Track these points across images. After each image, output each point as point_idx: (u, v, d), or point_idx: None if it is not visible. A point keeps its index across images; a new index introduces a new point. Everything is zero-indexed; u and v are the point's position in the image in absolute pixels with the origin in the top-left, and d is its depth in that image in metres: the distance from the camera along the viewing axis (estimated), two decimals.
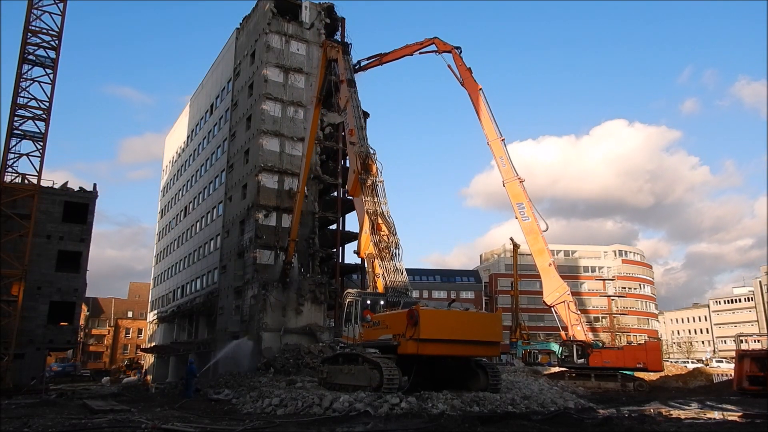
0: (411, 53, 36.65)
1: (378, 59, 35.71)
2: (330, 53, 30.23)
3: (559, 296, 34.77)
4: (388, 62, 36.25)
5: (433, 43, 36.48)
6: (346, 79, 28.30)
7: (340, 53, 29.35)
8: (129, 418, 15.20)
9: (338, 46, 29.90)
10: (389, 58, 36.15)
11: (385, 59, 35.94)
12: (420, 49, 36.65)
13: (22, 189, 34.06)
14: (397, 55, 36.36)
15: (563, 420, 15.04)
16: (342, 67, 28.90)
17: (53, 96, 34.32)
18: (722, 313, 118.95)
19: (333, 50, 30.00)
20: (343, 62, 29.00)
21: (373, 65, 35.47)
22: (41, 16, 34.26)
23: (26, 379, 32.85)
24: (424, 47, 36.66)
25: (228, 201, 46.92)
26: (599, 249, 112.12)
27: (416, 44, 36.70)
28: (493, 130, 35.97)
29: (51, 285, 36.61)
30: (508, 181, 35.84)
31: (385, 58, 35.93)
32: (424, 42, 36.65)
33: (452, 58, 36.51)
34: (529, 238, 35.58)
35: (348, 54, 29.80)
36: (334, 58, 29.91)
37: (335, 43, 30.85)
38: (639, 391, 30.56)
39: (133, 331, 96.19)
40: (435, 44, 36.47)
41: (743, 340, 46.13)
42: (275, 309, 36.99)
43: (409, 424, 14.15)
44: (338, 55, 29.37)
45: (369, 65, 35.11)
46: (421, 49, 36.67)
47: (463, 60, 36.30)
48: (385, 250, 23.33)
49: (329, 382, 21.83)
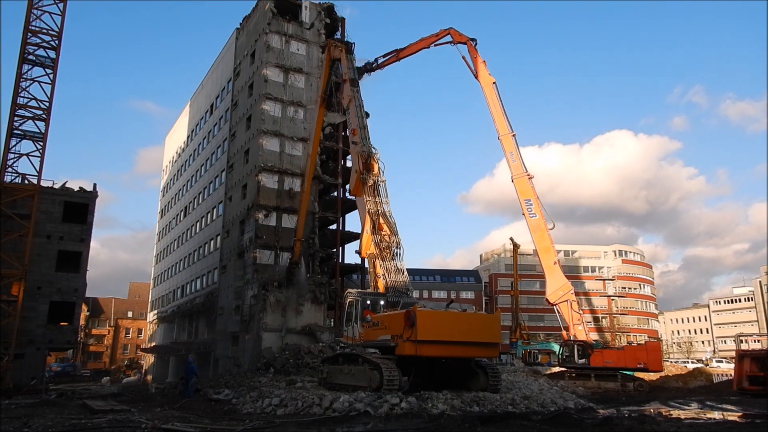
0: (428, 45, 36.36)
1: (395, 55, 35.42)
2: (334, 53, 30.16)
3: (563, 295, 34.67)
4: (406, 57, 35.96)
5: (449, 34, 36.28)
6: (349, 78, 28.19)
7: (343, 52, 29.26)
8: (129, 418, 15.19)
9: (341, 46, 29.81)
10: (406, 53, 35.86)
11: (402, 54, 35.66)
12: (436, 41, 36.40)
13: (22, 189, 34.03)
14: (414, 49, 36.07)
15: (563, 420, 15.03)
16: (345, 66, 28.81)
17: (53, 96, 34.29)
18: (722, 313, 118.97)
19: (336, 50, 29.92)
20: (346, 61, 28.89)
21: (391, 62, 35.27)
22: (41, 16, 34.21)
23: (26, 379, 32.83)
24: (440, 38, 36.42)
25: (228, 201, 46.92)
26: (599, 249, 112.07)
27: (432, 36, 36.46)
28: (504, 124, 35.82)
29: (51, 285, 36.59)
30: (517, 176, 35.67)
31: (402, 53, 35.64)
32: (440, 33, 36.45)
33: (467, 50, 36.35)
34: (536, 236, 35.40)
35: (351, 53, 29.67)
36: (337, 58, 29.82)
37: (339, 42, 30.76)
38: (639, 391, 30.52)
39: (133, 331, 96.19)
40: (450, 35, 36.25)
41: (743, 340, 46.16)
42: (275, 309, 36.99)
43: (409, 424, 14.14)
44: (341, 54, 29.29)
45: (386, 62, 34.93)
46: (436, 41, 36.42)
47: (478, 52, 36.19)
48: (386, 250, 23.34)
49: (329, 382, 21.82)
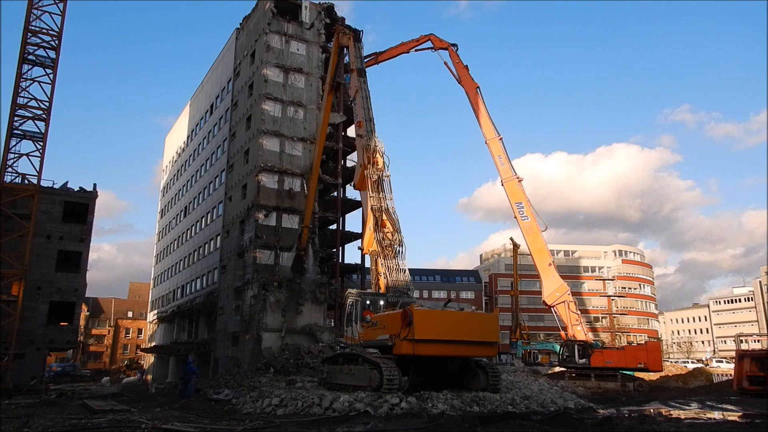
0: (407, 50, 36.54)
1: (374, 58, 35.61)
2: (342, 40, 29.56)
3: (560, 296, 34.67)
4: (384, 61, 36.15)
5: (429, 40, 36.42)
6: (357, 68, 27.76)
7: (351, 40, 28.78)
8: (129, 418, 15.19)
9: (350, 33, 29.22)
10: (385, 57, 36.05)
11: (381, 58, 35.85)
12: (416, 46, 36.55)
13: (22, 189, 34.04)
14: (393, 53, 36.26)
15: (563, 420, 15.02)
16: (353, 54, 28.43)
17: (53, 96, 34.30)
18: (722, 313, 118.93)
19: (345, 37, 29.33)
20: (354, 50, 28.46)
21: (369, 65, 35.27)
22: (41, 16, 34.23)
23: (26, 379, 32.85)
24: (420, 44, 36.59)
25: (228, 201, 46.91)
26: (599, 249, 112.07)
27: (412, 41, 36.62)
28: (491, 128, 35.87)
29: (51, 285, 36.60)
30: (506, 180, 35.73)
31: (380, 57, 35.84)
32: (420, 39, 36.57)
33: (449, 56, 36.45)
34: (529, 238, 35.46)
35: (359, 41, 29.15)
36: (345, 45, 29.40)
37: (347, 29, 29.93)
38: (639, 391, 30.52)
39: (133, 331, 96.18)
40: (431, 41, 36.42)
41: (743, 340, 46.14)
42: (275, 309, 36.98)
43: (409, 424, 14.15)
44: (350, 42, 28.81)
45: (365, 65, 34.99)
46: (417, 47, 36.57)
47: (460, 57, 36.27)
48: (388, 248, 23.25)
49: (329, 382, 21.82)
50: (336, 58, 30.70)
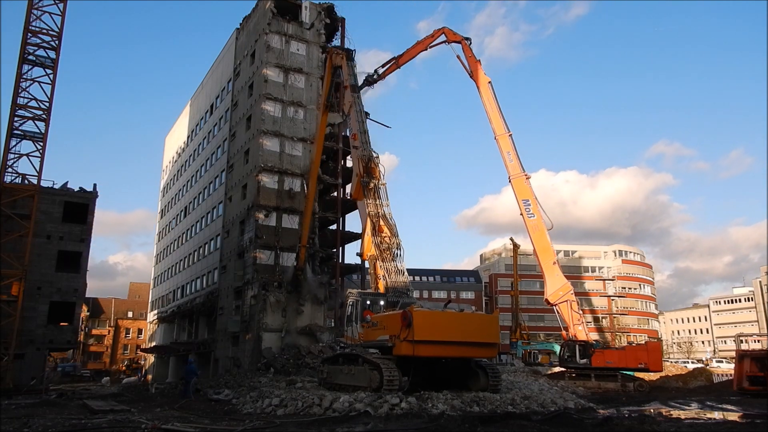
0: (425, 48, 36.21)
1: (394, 63, 35.05)
2: (335, 60, 30.54)
3: (563, 295, 34.53)
4: (405, 63, 35.75)
5: (443, 33, 36.28)
6: (350, 84, 28.73)
7: (344, 60, 29.68)
8: (129, 418, 15.21)
9: (342, 53, 30.16)
10: (405, 59, 35.60)
11: (401, 61, 35.37)
12: (431, 41, 36.27)
13: (22, 189, 34.06)
14: (412, 54, 35.92)
15: (563, 420, 15.02)
16: (346, 73, 29.32)
17: (53, 96, 34.35)
18: (722, 313, 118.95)
19: (338, 57, 30.28)
20: (347, 68, 29.38)
21: (392, 70, 34.96)
22: (41, 16, 34.25)
23: (26, 379, 32.86)
24: (435, 39, 36.36)
25: (228, 201, 46.91)
26: (600, 249, 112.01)
27: (427, 38, 36.35)
28: (501, 124, 35.69)
29: (51, 285, 36.61)
30: (514, 177, 35.50)
31: (401, 60, 35.35)
32: (434, 33, 36.40)
33: (462, 49, 36.32)
34: (534, 236, 35.19)
35: (352, 60, 30.07)
36: (338, 65, 30.21)
37: (339, 50, 31.09)
38: (639, 391, 30.49)
39: (133, 331, 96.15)
40: (445, 34, 36.23)
41: (743, 340, 46.16)
42: (275, 309, 36.98)
43: (409, 424, 14.15)
44: (343, 62, 29.72)
45: (387, 71, 34.60)
46: (432, 42, 36.33)
47: (473, 51, 36.17)
48: (386, 251, 23.43)
49: (329, 383, 21.85)
50: (330, 78, 31.35)
